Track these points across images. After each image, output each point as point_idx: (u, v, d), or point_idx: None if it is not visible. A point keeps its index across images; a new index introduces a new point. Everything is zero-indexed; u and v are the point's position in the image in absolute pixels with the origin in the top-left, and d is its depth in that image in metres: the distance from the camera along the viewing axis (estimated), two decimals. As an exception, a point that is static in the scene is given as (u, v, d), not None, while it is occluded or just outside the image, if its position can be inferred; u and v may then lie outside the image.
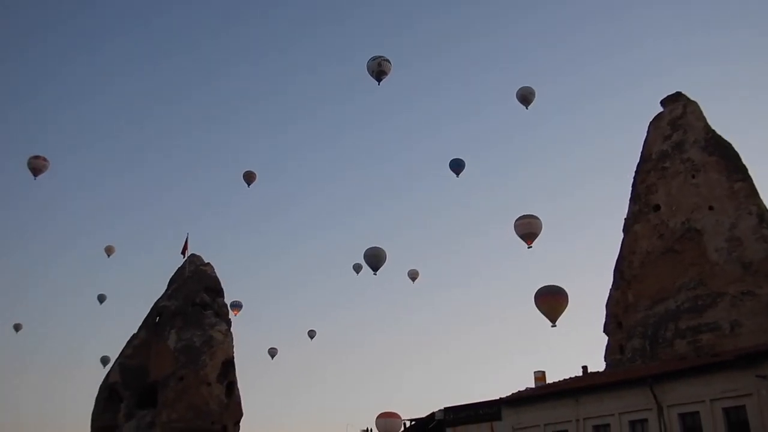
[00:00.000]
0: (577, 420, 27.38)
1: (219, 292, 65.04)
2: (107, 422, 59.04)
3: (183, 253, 65.79)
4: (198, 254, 66.80)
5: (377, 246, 59.37)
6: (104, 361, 64.63)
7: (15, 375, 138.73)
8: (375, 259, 58.49)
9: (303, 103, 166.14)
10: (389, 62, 54.62)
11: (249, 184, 67.25)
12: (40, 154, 58.90)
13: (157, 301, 63.93)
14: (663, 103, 39.16)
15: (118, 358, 61.98)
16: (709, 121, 37.75)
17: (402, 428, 39.43)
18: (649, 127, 39.28)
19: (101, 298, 71.73)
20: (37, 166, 58.03)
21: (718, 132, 37.15)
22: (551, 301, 37.77)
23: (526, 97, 55.13)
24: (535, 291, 38.51)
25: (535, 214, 45.45)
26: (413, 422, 35.50)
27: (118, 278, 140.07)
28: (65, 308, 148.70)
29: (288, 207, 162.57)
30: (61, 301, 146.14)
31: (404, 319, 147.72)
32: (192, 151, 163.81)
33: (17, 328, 70.40)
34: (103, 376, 61.88)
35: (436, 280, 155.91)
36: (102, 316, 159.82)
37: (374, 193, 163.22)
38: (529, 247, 45.00)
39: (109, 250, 70.24)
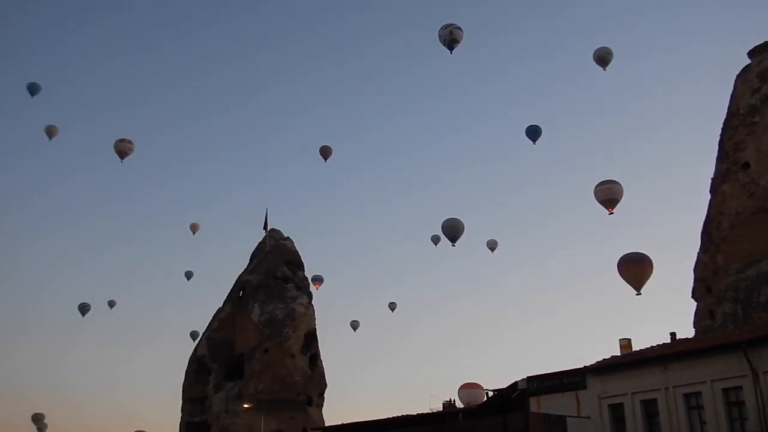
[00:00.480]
0: (666, 388, 26.50)
1: (299, 265, 66.17)
2: (197, 393, 61.27)
3: (264, 228, 67.11)
4: (278, 229, 68.07)
5: (455, 217, 58.99)
6: (193, 335, 66.80)
7: (111, 350, 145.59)
8: (453, 230, 58.09)
9: (378, 74, 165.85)
10: (461, 30, 53.65)
11: (326, 159, 67.74)
12: (126, 137, 60.84)
13: (240, 275, 65.56)
14: (750, 54, 37.11)
15: (205, 332, 64.03)
16: (802, 71, 35.62)
17: (484, 398, 39.21)
18: (735, 80, 37.33)
19: (188, 275, 73.91)
20: (123, 149, 59.94)
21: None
22: (635, 269, 36.66)
23: (603, 58, 53.30)
24: (618, 258, 37.48)
25: (615, 180, 44.15)
26: (495, 392, 35.20)
27: (203, 255, 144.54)
28: (155, 285, 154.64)
29: (365, 180, 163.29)
30: (151, 278, 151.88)
31: (484, 289, 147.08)
32: (269, 126, 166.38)
33: (111, 304, 73.43)
34: (192, 350, 64.15)
35: (515, 249, 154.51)
36: (190, 292, 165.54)
37: (451, 164, 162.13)
38: (610, 213, 43.79)
39: (194, 227, 72.26)
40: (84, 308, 68.82)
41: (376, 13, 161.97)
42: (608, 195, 42.51)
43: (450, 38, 52.95)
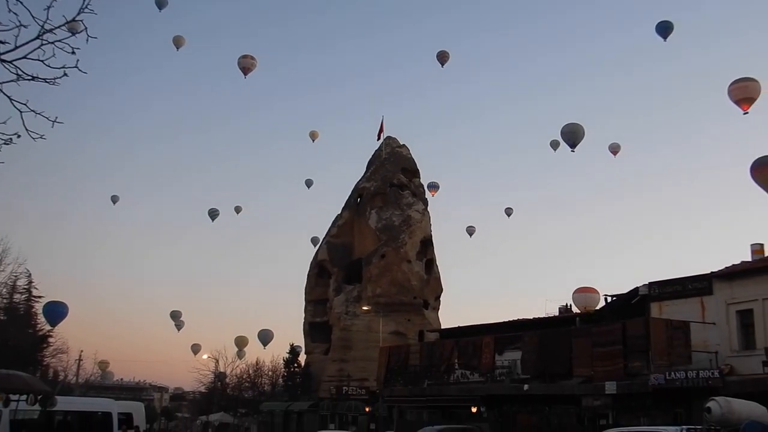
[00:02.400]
0: (801, 294, 25.19)
1: (415, 172, 66.37)
2: (319, 296, 63.85)
3: (379, 135, 67.39)
4: (394, 136, 68.18)
5: (575, 122, 56.88)
6: (314, 241, 69.01)
7: (238, 253, 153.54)
8: (573, 135, 56.09)
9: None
10: None
11: (443, 65, 66.50)
12: (249, 53, 62.01)
13: (357, 183, 66.60)
14: None
15: (324, 237, 66.01)
16: None
17: (603, 304, 38.64)
18: None
19: (308, 183, 75.78)
20: (246, 65, 61.23)
21: None
22: (770, 174, 34.40)
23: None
24: (752, 162, 35.22)
25: (753, 77, 41.13)
26: (614, 298, 34.54)
27: (322, 163, 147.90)
28: (278, 192, 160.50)
29: (482, 86, 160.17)
30: (274, 186, 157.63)
31: (605, 194, 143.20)
32: (387, 35, 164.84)
33: (237, 210, 76.67)
34: (313, 255, 66.47)
35: (639, 152, 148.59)
36: (310, 199, 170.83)
37: (573, 67, 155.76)
38: (745, 113, 41.08)
39: (313, 135, 73.46)
40: (213, 213, 72.18)
41: None
42: (744, 93, 39.76)
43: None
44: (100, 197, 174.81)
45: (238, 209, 76.90)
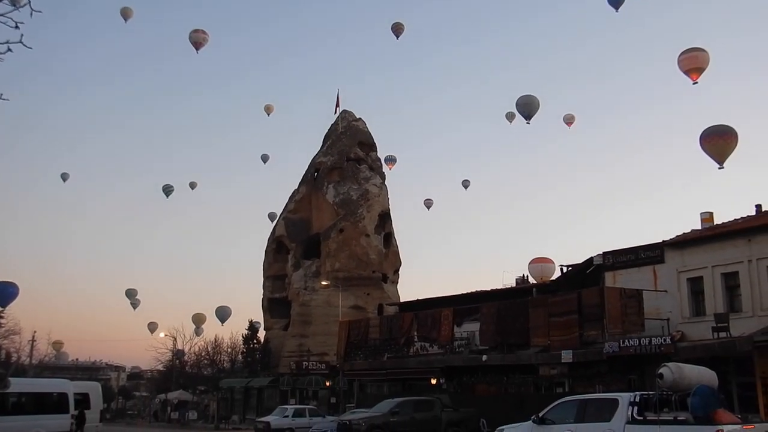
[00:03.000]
0: (749, 260, 25.78)
1: (372, 146, 66.22)
2: (278, 271, 63.62)
3: (336, 109, 66.96)
4: (350, 110, 67.81)
5: (530, 94, 57.23)
6: (271, 217, 68.51)
7: (193, 231, 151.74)
8: (528, 107, 56.43)
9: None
10: None
11: (398, 36, 66.13)
12: (200, 28, 60.68)
13: (314, 157, 66.21)
14: None
15: (282, 213, 65.63)
16: None
17: (559, 274, 39.25)
18: None
19: (264, 158, 74.88)
20: (198, 40, 60.00)
21: None
22: (719, 142, 34.99)
23: None
24: (701, 131, 35.84)
25: (701, 47, 41.71)
26: (569, 268, 35.08)
27: (277, 138, 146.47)
28: (233, 168, 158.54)
29: (438, 57, 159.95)
30: (229, 160, 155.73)
31: (559, 165, 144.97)
32: (339, 3, 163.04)
33: (192, 186, 75.58)
34: (271, 230, 66.07)
35: (592, 123, 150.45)
36: (266, 174, 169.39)
37: (527, 38, 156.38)
38: (694, 83, 41.69)
39: (268, 109, 72.57)
40: (168, 189, 71.02)
41: None
42: (693, 63, 40.25)
43: None
44: (50, 175, 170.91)
45: (193, 185, 75.88)
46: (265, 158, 75.07)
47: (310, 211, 63.34)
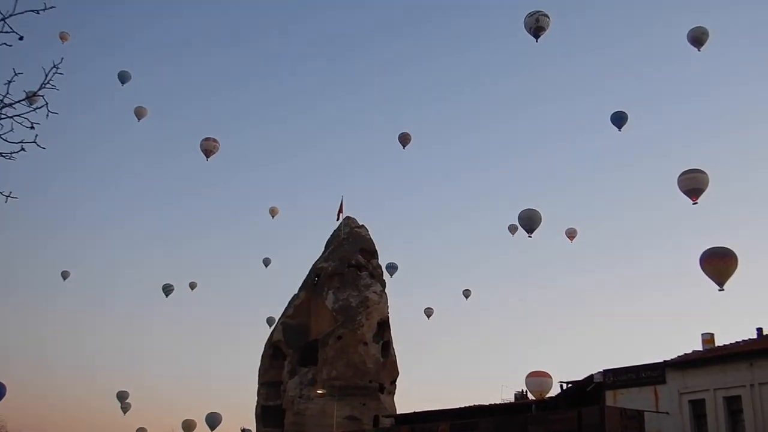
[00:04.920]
0: (752, 385, 25.46)
1: (374, 253, 66.47)
2: (273, 378, 62.43)
3: (339, 215, 67.75)
4: (353, 216, 68.55)
5: (532, 208, 58.19)
6: (270, 321, 68.18)
7: (190, 330, 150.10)
8: (530, 221, 57.36)
9: (461, 66, 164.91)
10: (548, 17, 52.60)
11: (404, 146, 67.93)
12: (211, 136, 62.29)
13: (316, 262, 66.36)
14: None
15: (280, 317, 65.15)
16: None
17: (559, 390, 38.60)
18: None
19: (266, 262, 75.32)
20: (209, 148, 61.62)
21: None
22: (719, 264, 35.35)
23: (698, 38, 51.50)
24: (702, 253, 36.18)
25: (701, 169, 42.76)
26: (570, 384, 34.57)
27: (280, 242, 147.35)
28: (237, 269, 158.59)
29: (443, 167, 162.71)
30: (232, 262, 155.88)
31: (561, 279, 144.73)
32: (347, 112, 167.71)
33: (192, 286, 75.67)
34: (268, 336, 65.39)
35: (595, 239, 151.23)
36: (267, 278, 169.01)
37: (532, 149, 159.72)
38: (694, 204, 42.46)
39: (273, 212, 73.64)
40: (168, 289, 71.03)
41: (459, 7, 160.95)
42: (693, 184, 41.20)
43: (536, 26, 52.03)
44: (49, 271, 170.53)
45: (193, 285, 75.98)
46: (267, 262, 75.50)
47: (309, 317, 62.87)
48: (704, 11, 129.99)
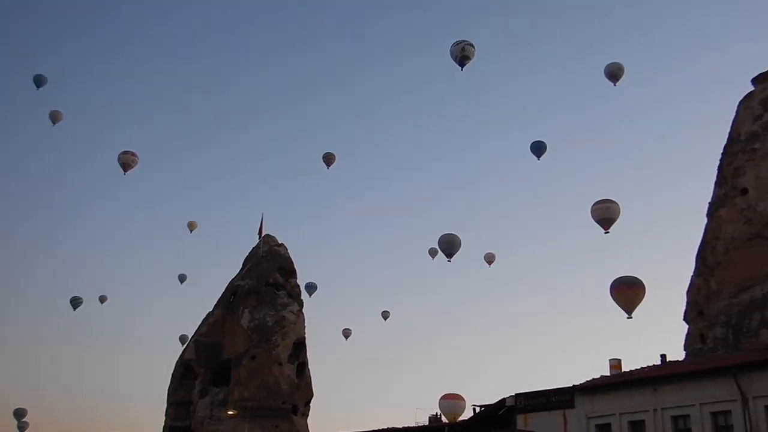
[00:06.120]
0: (655, 410, 26.27)
1: (292, 272, 65.78)
2: (183, 397, 60.68)
3: (258, 234, 66.83)
4: (272, 235, 67.74)
5: (452, 233, 58.83)
6: (183, 340, 66.44)
7: (98, 346, 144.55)
8: (449, 245, 57.95)
9: (384, 88, 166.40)
10: (473, 47, 53.69)
11: (329, 166, 67.84)
12: (129, 150, 60.87)
13: (232, 280, 65.17)
14: (754, 81, 37.05)
15: (193, 335, 63.54)
16: (804, 100, 35.58)
17: (471, 414, 38.90)
18: (738, 106, 37.22)
19: (182, 278, 73.57)
20: (127, 161, 60.14)
21: (814, 111, 34.97)
22: (628, 293, 36.41)
23: (614, 73, 53.77)
24: (611, 281, 37.23)
25: (612, 199, 44.10)
26: (482, 408, 34.90)
27: (197, 258, 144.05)
28: (149, 284, 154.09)
29: (365, 189, 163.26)
30: (144, 275, 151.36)
31: (478, 304, 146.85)
32: (270, 131, 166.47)
33: (102, 300, 73.24)
34: (180, 354, 63.63)
35: (512, 265, 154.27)
36: (183, 295, 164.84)
37: (454, 177, 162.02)
38: (606, 233, 43.72)
39: (191, 226, 72.12)
40: (76, 302, 68.47)
41: (381, 29, 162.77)
42: (605, 214, 42.42)
43: (461, 55, 52.99)
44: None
45: (103, 299, 73.53)
46: (182, 278, 73.70)
47: (223, 336, 61.52)
48: (625, 47, 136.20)
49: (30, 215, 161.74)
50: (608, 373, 31.10)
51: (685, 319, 35.29)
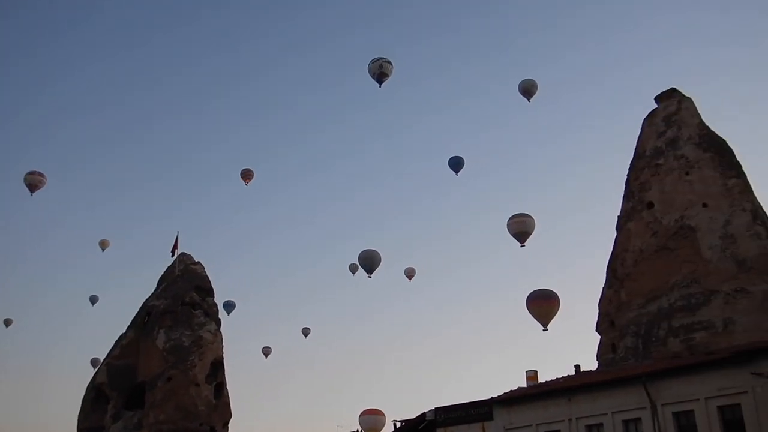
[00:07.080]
0: (570, 419, 26.94)
1: (209, 291, 64.32)
2: (94, 423, 58.20)
3: (173, 251, 65.21)
4: (188, 253, 66.18)
5: (372, 249, 58.93)
6: (94, 363, 64.09)
7: (6, 374, 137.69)
8: (370, 261, 58.06)
9: (301, 104, 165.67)
10: (391, 64, 54.26)
11: (247, 183, 66.90)
12: (36, 170, 58.83)
13: (147, 300, 63.23)
14: (657, 99, 38.76)
15: (105, 358, 61.25)
16: (704, 117, 37.44)
17: (392, 429, 38.91)
18: (643, 123, 38.86)
19: (93, 300, 71.11)
20: (34, 182, 57.99)
21: (713, 128, 36.84)
22: (543, 306, 37.37)
23: (528, 89, 55.24)
24: (528, 294, 38.04)
25: (528, 213, 45.11)
26: (403, 423, 34.98)
27: (110, 275, 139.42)
28: (57, 304, 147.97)
29: (282, 205, 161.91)
30: (53, 297, 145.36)
31: (399, 318, 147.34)
32: (185, 147, 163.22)
33: (7, 323, 70.03)
34: (91, 378, 61.20)
35: (431, 279, 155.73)
36: (94, 316, 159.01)
37: (372, 192, 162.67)
38: (522, 246, 44.64)
39: (103, 244, 69.84)
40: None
41: (304, 46, 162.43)
42: (520, 228, 43.39)
43: (379, 72, 53.51)
44: None
45: (8, 322, 70.26)
46: (93, 299, 71.22)
47: (138, 358, 59.51)
48: (539, 65, 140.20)
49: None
50: (525, 385, 31.68)
51: (597, 330, 36.36)
